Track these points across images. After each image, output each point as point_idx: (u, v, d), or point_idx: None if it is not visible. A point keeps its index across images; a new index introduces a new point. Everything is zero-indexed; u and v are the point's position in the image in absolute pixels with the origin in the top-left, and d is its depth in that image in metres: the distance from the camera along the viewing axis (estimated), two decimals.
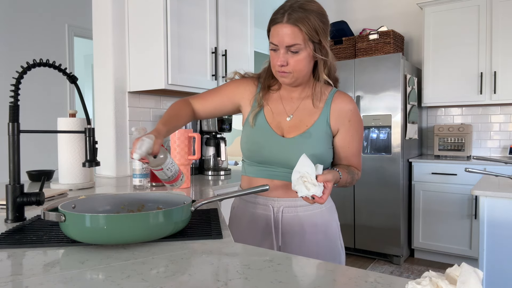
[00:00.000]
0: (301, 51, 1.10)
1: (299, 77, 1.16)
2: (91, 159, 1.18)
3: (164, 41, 2.14)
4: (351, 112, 1.22)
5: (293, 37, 1.08)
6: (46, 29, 3.95)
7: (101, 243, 0.82)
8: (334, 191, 1.14)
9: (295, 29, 1.07)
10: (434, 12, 3.67)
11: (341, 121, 1.21)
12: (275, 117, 1.23)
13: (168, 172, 1.06)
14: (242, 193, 1.04)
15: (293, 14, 1.07)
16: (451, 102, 3.66)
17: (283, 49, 1.10)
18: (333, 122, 1.20)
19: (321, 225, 1.23)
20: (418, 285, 0.53)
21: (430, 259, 3.57)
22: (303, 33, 1.07)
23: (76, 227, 0.81)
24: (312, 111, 1.21)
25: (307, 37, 1.08)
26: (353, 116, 1.22)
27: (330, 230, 1.25)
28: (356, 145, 1.24)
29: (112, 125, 2.26)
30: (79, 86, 1.19)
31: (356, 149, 1.25)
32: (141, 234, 0.82)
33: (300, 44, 1.09)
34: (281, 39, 1.09)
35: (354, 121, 1.22)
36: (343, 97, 1.23)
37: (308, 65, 1.15)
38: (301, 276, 0.68)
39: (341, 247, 1.30)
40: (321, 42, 1.11)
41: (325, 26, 1.12)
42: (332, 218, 1.27)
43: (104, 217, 0.79)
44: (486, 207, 1.85)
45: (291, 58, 1.11)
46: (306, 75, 1.18)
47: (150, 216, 0.82)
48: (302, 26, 1.06)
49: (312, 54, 1.12)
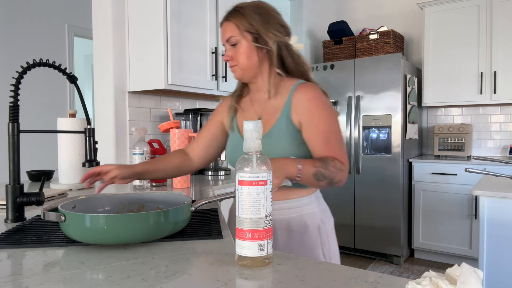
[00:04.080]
0: (239, 43, 1.16)
1: (245, 69, 1.19)
2: (91, 159, 1.18)
3: (164, 41, 2.14)
4: (310, 101, 1.14)
5: (229, 30, 1.17)
6: (46, 29, 3.95)
7: (101, 243, 0.82)
8: (334, 191, 1.13)
9: (229, 23, 1.17)
10: (434, 12, 3.67)
11: (301, 112, 1.14)
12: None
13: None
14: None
15: (229, 13, 1.18)
16: (451, 102, 3.66)
17: (227, 46, 1.19)
18: (294, 116, 1.15)
19: (296, 231, 1.17)
20: (418, 285, 0.53)
21: (430, 259, 3.57)
22: (235, 25, 1.15)
23: (76, 227, 0.81)
24: (275, 109, 1.20)
25: (242, 28, 1.15)
26: (313, 105, 1.14)
27: (307, 237, 1.19)
28: (322, 135, 1.12)
29: (112, 125, 2.25)
30: (79, 86, 1.19)
31: (324, 139, 1.12)
32: (141, 234, 0.82)
33: (235, 36, 1.16)
34: (222, 37, 1.20)
35: (315, 110, 1.14)
36: (302, 87, 1.17)
37: (251, 56, 1.17)
38: (301, 276, 0.68)
39: (324, 256, 1.21)
40: (258, 32, 1.15)
41: (263, 17, 1.16)
42: (312, 224, 1.20)
43: (104, 217, 0.79)
44: (486, 207, 1.85)
45: (233, 52, 1.18)
46: (252, 67, 1.18)
47: (150, 216, 0.82)
48: (234, 19, 1.16)
49: (253, 45, 1.16)
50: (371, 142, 3.56)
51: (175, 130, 1.78)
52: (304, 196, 1.20)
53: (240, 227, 0.72)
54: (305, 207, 1.20)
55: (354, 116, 3.61)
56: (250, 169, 0.72)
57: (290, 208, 1.18)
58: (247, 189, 0.72)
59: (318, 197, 1.26)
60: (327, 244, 1.22)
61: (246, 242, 0.71)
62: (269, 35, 1.16)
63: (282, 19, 1.22)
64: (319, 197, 1.27)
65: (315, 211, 1.22)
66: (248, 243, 0.71)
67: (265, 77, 1.21)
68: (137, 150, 1.75)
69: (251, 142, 0.73)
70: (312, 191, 1.23)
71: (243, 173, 0.72)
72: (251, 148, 0.73)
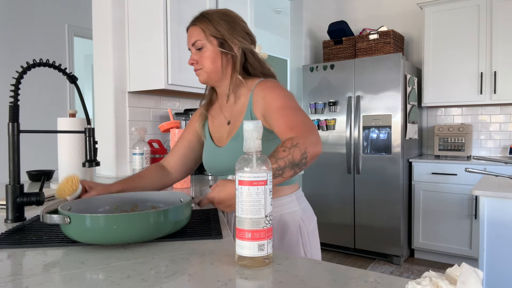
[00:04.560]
0: (204, 47, 1.18)
1: (210, 72, 1.21)
2: (91, 159, 1.18)
3: (164, 41, 2.14)
4: (264, 90, 1.14)
5: (195, 35, 1.19)
6: (46, 29, 3.95)
7: (102, 243, 0.82)
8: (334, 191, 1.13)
9: (195, 28, 1.19)
10: (434, 12, 3.67)
11: (259, 105, 1.14)
12: (218, 126, 1.28)
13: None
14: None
15: (196, 18, 1.21)
16: (451, 102, 3.66)
17: (193, 49, 1.21)
18: (256, 111, 1.16)
19: (276, 230, 1.19)
20: (418, 285, 0.53)
21: (430, 259, 3.57)
22: (201, 29, 1.18)
23: (78, 227, 0.81)
24: (241, 111, 1.21)
25: (208, 33, 1.17)
26: (267, 92, 1.13)
27: (288, 236, 1.20)
28: (279, 112, 1.07)
29: (112, 125, 2.25)
30: (79, 86, 1.19)
31: (277, 116, 1.06)
32: (141, 233, 0.82)
33: (201, 40, 1.18)
34: (188, 40, 1.22)
35: (270, 94, 1.12)
36: (260, 83, 1.18)
37: (215, 60, 1.19)
38: (301, 276, 0.68)
39: (305, 255, 1.22)
40: (224, 37, 1.18)
41: (229, 24, 1.19)
42: (293, 223, 1.21)
43: (104, 217, 0.79)
44: (486, 207, 1.85)
45: (198, 56, 1.20)
46: (217, 71, 1.21)
47: (150, 216, 0.82)
48: (200, 24, 1.18)
49: (218, 49, 1.18)
50: (371, 142, 3.56)
51: (175, 130, 1.78)
52: (284, 195, 1.22)
53: (240, 227, 0.72)
54: (285, 206, 1.22)
55: (354, 116, 3.61)
56: (250, 169, 0.72)
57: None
58: (247, 189, 0.72)
59: (299, 196, 1.28)
60: (308, 243, 1.24)
61: (246, 242, 0.71)
62: (235, 41, 1.19)
63: (248, 27, 1.25)
64: (300, 196, 1.28)
65: (296, 210, 1.23)
66: (248, 243, 0.71)
67: (228, 81, 1.24)
68: (137, 150, 1.75)
69: (251, 142, 0.73)
70: (292, 190, 1.25)
71: (243, 173, 0.72)
72: (251, 148, 0.73)
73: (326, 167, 3.76)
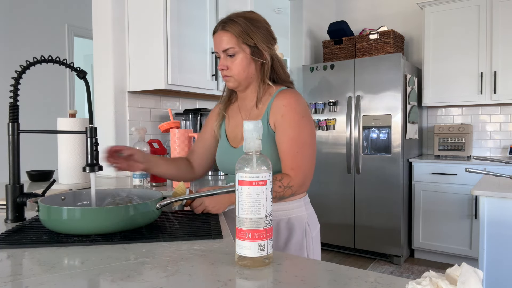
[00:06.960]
0: (237, 54, 1.19)
1: (240, 79, 1.22)
2: (93, 163, 1.08)
3: (164, 41, 2.14)
4: (285, 107, 1.18)
5: (227, 41, 1.18)
6: (46, 29, 3.95)
7: (66, 232, 0.91)
8: (334, 191, 1.14)
9: (227, 34, 1.18)
10: (434, 12, 3.67)
11: (276, 116, 1.19)
12: (234, 127, 1.30)
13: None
14: (211, 192, 1.05)
15: (226, 23, 1.20)
16: (451, 102, 3.66)
17: (222, 55, 1.21)
18: (271, 119, 1.20)
19: (283, 233, 1.23)
20: (418, 285, 0.53)
21: (430, 259, 3.57)
22: (235, 36, 1.17)
23: (44, 216, 0.92)
24: (258, 114, 1.25)
25: (241, 40, 1.17)
26: (287, 111, 1.17)
27: (294, 239, 1.24)
28: (286, 143, 1.15)
29: (112, 125, 2.26)
30: (88, 81, 1.17)
31: (286, 147, 1.15)
32: (103, 225, 0.90)
33: (234, 48, 1.18)
34: (218, 46, 1.21)
35: (288, 117, 1.17)
36: (282, 93, 1.21)
37: (247, 67, 1.20)
38: (301, 276, 0.68)
39: (308, 257, 1.26)
40: (256, 45, 1.19)
41: (259, 30, 1.20)
42: (299, 226, 1.25)
43: (66, 209, 0.89)
44: (486, 207, 1.85)
45: (230, 63, 1.20)
46: (248, 77, 1.22)
47: (104, 211, 0.90)
48: (233, 30, 1.18)
49: (250, 57, 1.19)
50: (371, 142, 3.55)
51: (175, 130, 1.78)
52: (293, 200, 1.26)
53: (240, 227, 0.72)
54: (293, 211, 1.25)
55: (354, 116, 3.61)
56: (250, 169, 0.72)
57: (279, 210, 1.23)
58: (247, 189, 0.72)
59: (307, 202, 1.33)
60: (311, 247, 1.29)
61: (246, 242, 0.71)
62: (265, 48, 1.20)
63: (272, 31, 1.26)
64: (307, 203, 1.33)
65: (303, 215, 1.28)
66: (248, 243, 0.71)
67: (255, 87, 1.26)
68: None
69: (251, 142, 0.73)
70: (301, 196, 1.30)
71: (243, 173, 0.72)
72: (251, 148, 0.73)
73: (326, 167, 3.76)
